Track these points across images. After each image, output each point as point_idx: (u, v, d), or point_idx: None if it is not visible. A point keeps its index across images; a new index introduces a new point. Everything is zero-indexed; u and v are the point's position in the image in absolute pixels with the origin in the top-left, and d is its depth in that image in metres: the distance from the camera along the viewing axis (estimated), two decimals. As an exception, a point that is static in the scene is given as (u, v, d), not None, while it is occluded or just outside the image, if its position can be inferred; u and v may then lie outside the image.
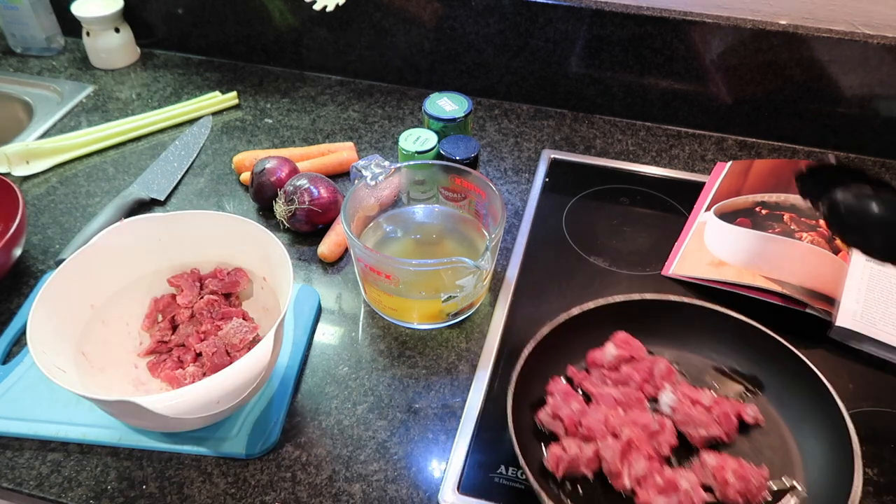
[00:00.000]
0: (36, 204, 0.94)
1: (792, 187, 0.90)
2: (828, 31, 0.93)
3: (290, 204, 0.85)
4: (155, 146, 1.04)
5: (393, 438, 0.69)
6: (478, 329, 0.79)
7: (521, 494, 0.63)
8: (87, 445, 0.68)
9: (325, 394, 0.72)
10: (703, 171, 1.00)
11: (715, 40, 0.97)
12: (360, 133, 1.07)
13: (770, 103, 1.02)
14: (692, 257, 0.84)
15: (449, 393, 0.73)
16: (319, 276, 0.85)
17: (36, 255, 0.87)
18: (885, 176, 1.00)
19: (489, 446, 0.67)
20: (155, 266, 0.76)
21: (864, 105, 0.98)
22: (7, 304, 0.81)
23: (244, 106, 1.12)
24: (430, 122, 0.92)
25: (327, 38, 1.13)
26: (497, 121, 1.09)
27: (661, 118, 1.08)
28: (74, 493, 0.64)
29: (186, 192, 0.96)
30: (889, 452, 0.67)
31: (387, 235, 0.82)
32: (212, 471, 0.66)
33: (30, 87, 1.15)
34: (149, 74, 1.18)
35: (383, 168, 0.77)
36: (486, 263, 0.69)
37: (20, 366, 0.73)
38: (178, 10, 1.17)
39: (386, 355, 0.76)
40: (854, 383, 0.73)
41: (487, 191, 0.77)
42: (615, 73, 1.05)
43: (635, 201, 0.95)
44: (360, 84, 1.17)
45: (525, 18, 1.02)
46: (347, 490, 0.65)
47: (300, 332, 0.76)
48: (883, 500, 0.63)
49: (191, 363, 0.72)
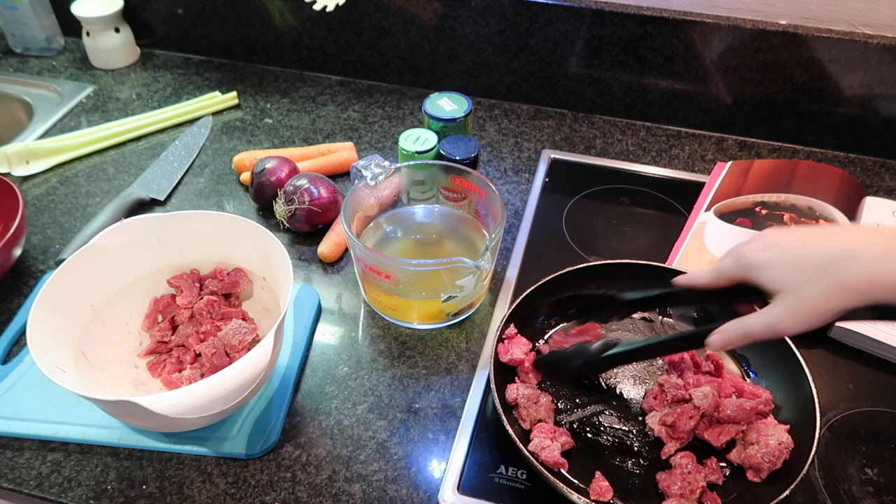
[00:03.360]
0: (36, 204, 0.94)
1: (792, 187, 0.90)
2: (828, 31, 0.93)
3: (290, 204, 0.85)
4: (155, 146, 1.04)
5: (393, 438, 0.69)
6: (478, 329, 0.79)
7: (521, 494, 0.63)
8: (87, 445, 0.68)
9: (325, 394, 0.72)
10: (703, 171, 1.00)
11: (715, 40, 0.97)
12: (360, 133, 1.07)
13: (770, 103, 1.02)
14: (692, 257, 0.84)
15: (449, 393, 0.73)
16: (319, 276, 0.85)
17: (36, 255, 0.87)
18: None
19: (489, 446, 0.67)
20: (155, 266, 0.76)
21: (864, 105, 0.98)
22: (7, 304, 0.81)
23: (244, 106, 1.12)
24: (430, 122, 0.92)
25: (327, 38, 1.13)
26: (497, 121, 1.09)
27: (661, 118, 1.08)
28: (74, 493, 0.64)
29: (186, 192, 0.96)
30: (889, 452, 0.67)
31: (387, 235, 0.82)
32: (212, 471, 0.66)
33: (30, 87, 1.15)
34: (149, 74, 1.18)
35: (383, 168, 0.77)
36: (486, 263, 0.69)
37: (20, 366, 0.73)
38: (178, 10, 1.17)
39: (386, 355, 0.76)
40: (854, 383, 0.73)
41: (487, 191, 0.77)
42: (615, 73, 1.05)
43: (635, 201, 0.95)
44: (360, 84, 1.17)
45: (525, 18, 1.02)
46: (347, 490, 0.65)
47: (300, 332, 0.76)
48: (883, 500, 0.63)
49: (190, 364, 0.72)
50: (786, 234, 0.56)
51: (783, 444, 0.62)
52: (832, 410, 0.70)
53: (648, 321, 0.77)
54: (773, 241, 0.56)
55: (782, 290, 0.53)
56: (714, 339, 0.58)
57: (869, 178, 1.00)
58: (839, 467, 0.66)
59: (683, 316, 0.77)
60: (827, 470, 0.66)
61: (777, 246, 0.55)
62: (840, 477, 0.65)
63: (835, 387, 0.72)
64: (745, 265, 0.56)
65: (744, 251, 0.57)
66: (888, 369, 0.74)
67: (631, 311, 0.71)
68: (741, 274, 0.57)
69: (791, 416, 0.65)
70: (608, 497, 0.61)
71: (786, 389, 0.67)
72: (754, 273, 0.55)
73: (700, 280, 0.61)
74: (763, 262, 0.55)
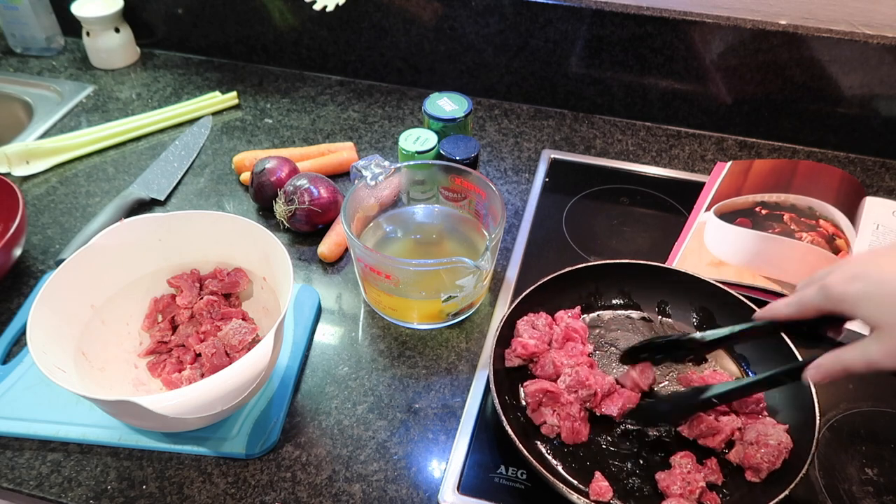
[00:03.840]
0: (36, 204, 0.94)
1: (792, 187, 0.90)
2: (828, 31, 0.93)
3: (290, 204, 0.85)
4: (155, 146, 1.04)
5: (393, 438, 0.69)
6: (478, 329, 0.79)
7: (521, 494, 0.63)
8: (87, 445, 0.68)
9: (325, 394, 0.72)
10: (703, 171, 1.00)
11: (715, 40, 0.97)
12: (360, 133, 1.07)
13: (770, 103, 1.02)
14: (692, 257, 0.84)
15: (449, 393, 0.73)
16: (319, 276, 0.85)
17: (36, 255, 0.87)
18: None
19: (489, 446, 0.67)
20: (155, 266, 0.76)
21: (864, 105, 0.98)
22: (7, 304, 0.81)
23: (244, 106, 1.12)
24: (430, 122, 0.92)
25: (327, 38, 1.13)
26: (497, 121, 1.09)
27: (661, 118, 1.08)
28: (74, 493, 0.64)
29: (186, 192, 0.96)
30: (889, 452, 0.67)
31: (387, 235, 0.82)
32: (212, 471, 0.66)
33: (30, 87, 1.15)
34: (149, 74, 1.18)
35: (383, 168, 0.77)
36: (486, 263, 0.69)
37: (20, 366, 0.73)
38: (178, 10, 1.17)
39: (386, 355, 0.76)
40: (854, 383, 0.73)
41: (487, 191, 0.77)
42: (615, 73, 1.05)
43: (635, 201, 0.95)
44: (360, 84, 1.17)
45: (525, 18, 1.02)
46: (347, 490, 0.65)
47: (300, 332, 0.76)
48: (883, 500, 0.63)
49: (190, 364, 0.72)
50: (873, 264, 0.53)
51: (782, 444, 0.62)
52: (832, 410, 0.70)
53: (648, 321, 0.77)
54: (862, 270, 0.52)
55: (880, 326, 0.51)
56: (812, 374, 0.56)
57: (869, 178, 1.00)
58: (839, 467, 0.66)
59: (684, 316, 0.77)
60: (827, 470, 0.66)
61: (867, 277, 0.52)
62: (840, 477, 0.65)
63: (835, 387, 0.72)
64: (835, 299, 0.53)
65: (830, 283, 0.53)
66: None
67: (710, 351, 0.71)
68: (828, 307, 0.54)
69: (791, 416, 0.65)
70: (608, 497, 0.61)
71: (785, 389, 0.67)
72: (846, 307, 0.53)
73: (782, 312, 0.59)
74: (855, 296, 0.52)
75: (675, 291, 0.77)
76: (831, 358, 0.55)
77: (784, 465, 0.62)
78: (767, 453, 0.61)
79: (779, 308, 0.59)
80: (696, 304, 0.77)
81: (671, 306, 0.78)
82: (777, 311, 0.60)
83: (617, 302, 0.79)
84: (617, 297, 0.79)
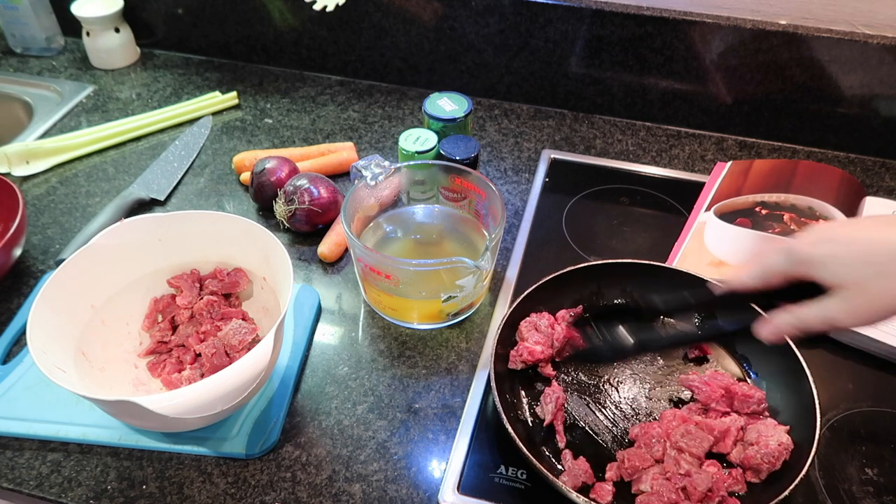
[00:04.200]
0: (36, 204, 0.94)
1: (792, 187, 0.90)
2: (828, 31, 0.93)
3: (290, 204, 0.85)
4: (155, 146, 1.04)
5: (393, 438, 0.69)
6: (478, 329, 0.79)
7: (521, 494, 0.63)
8: (87, 445, 0.68)
9: (325, 394, 0.72)
10: (703, 171, 1.00)
11: (715, 40, 0.97)
12: (360, 133, 1.07)
13: (770, 103, 1.02)
14: (692, 257, 0.84)
15: (449, 393, 0.73)
16: (319, 276, 0.85)
17: (36, 255, 0.87)
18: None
19: (489, 446, 0.67)
20: (155, 266, 0.76)
21: (864, 105, 0.98)
22: (7, 304, 0.81)
23: (244, 106, 1.12)
24: (430, 122, 0.92)
25: (327, 38, 1.13)
26: (497, 121, 1.09)
27: (661, 118, 1.08)
28: (74, 493, 0.64)
29: (186, 192, 0.96)
30: (889, 452, 0.67)
31: (387, 235, 0.82)
32: (212, 471, 0.66)
33: (30, 87, 1.15)
34: (149, 74, 1.18)
35: (383, 168, 0.77)
36: (486, 263, 0.69)
37: (20, 366, 0.73)
38: (178, 10, 1.17)
39: (386, 355, 0.76)
40: (854, 383, 0.73)
41: (487, 191, 0.77)
42: (615, 73, 1.05)
43: (635, 201, 0.95)
44: (360, 84, 1.17)
45: (525, 18, 1.02)
46: (347, 490, 0.65)
47: (300, 332, 0.76)
48: (883, 500, 0.63)
49: (190, 364, 0.72)
50: (842, 227, 0.53)
51: (783, 445, 0.62)
52: (832, 410, 0.70)
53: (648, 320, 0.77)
54: (828, 234, 0.52)
55: (845, 286, 0.50)
56: (765, 331, 0.55)
57: (869, 178, 1.00)
58: (839, 467, 0.66)
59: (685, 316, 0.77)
60: (827, 470, 0.66)
61: (834, 240, 0.52)
62: (840, 477, 0.65)
63: (835, 387, 0.72)
64: (800, 261, 0.53)
65: (795, 247, 0.53)
66: (888, 369, 0.74)
67: (661, 316, 0.71)
68: (794, 271, 0.53)
69: (791, 416, 0.65)
70: (608, 497, 0.61)
71: (786, 390, 0.67)
72: (811, 269, 0.52)
73: (746, 282, 0.57)
74: (821, 257, 0.51)
75: (676, 291, 0.77)
76: (786, 315, 0.54)
77: (784, 466, 0.62)
78: (768, 454, 0.61)
79: (742, 278, 0.58)
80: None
81: None
82: (740, 283, 0.58)
83: (619, 302, 0.78)
84: (619, 297, 0.78)
